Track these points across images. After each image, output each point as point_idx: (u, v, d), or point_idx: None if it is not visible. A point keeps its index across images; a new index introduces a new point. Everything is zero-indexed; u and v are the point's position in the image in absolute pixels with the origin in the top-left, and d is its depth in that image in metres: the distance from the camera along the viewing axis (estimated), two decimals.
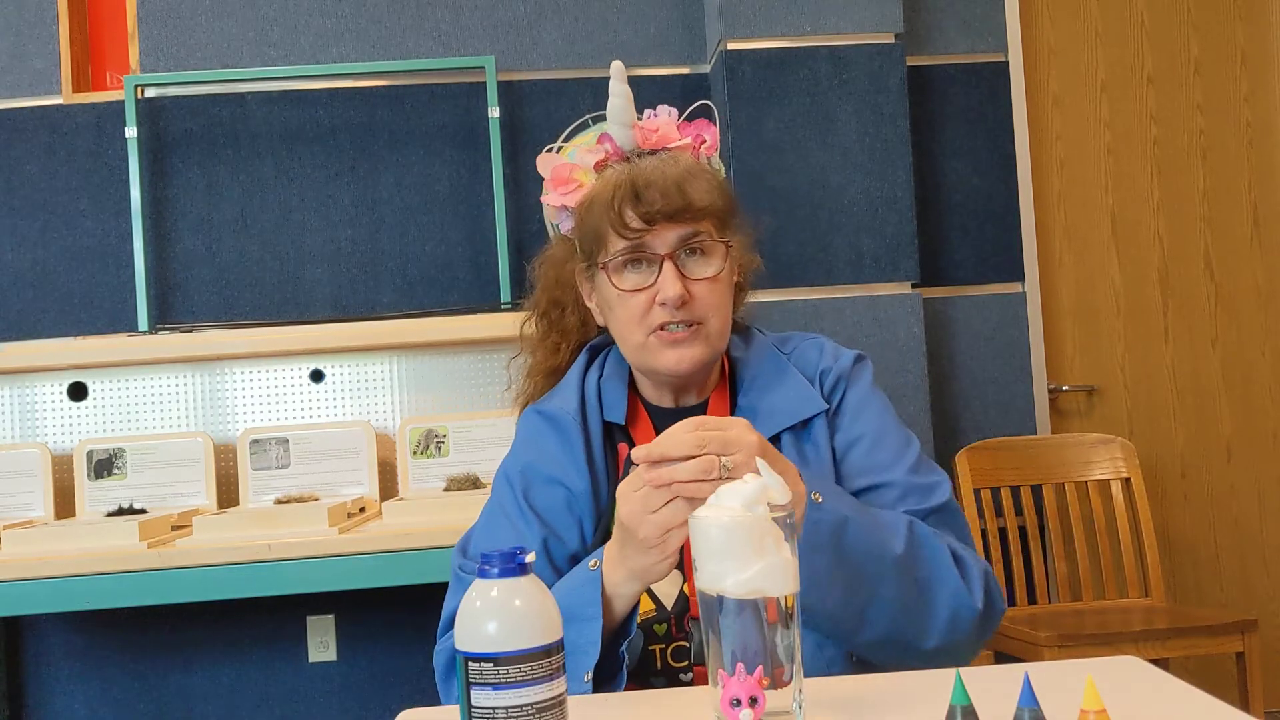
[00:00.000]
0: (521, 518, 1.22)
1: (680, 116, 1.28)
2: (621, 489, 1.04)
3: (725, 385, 1.29)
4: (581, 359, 1.33)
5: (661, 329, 1.18)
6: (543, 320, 1.38)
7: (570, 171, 1.27)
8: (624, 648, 1.09)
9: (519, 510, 1.23)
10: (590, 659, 1.04)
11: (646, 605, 1.16)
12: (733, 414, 1.26)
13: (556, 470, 1.23)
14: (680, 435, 1.00)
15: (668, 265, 1.17)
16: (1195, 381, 3.18)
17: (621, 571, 1.05)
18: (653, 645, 1.15)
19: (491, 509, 1.29)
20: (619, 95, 1.24)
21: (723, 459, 0.98)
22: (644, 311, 1.18)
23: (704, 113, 1.28)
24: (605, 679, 1.07)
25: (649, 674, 1.14)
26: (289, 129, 2.96)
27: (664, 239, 1.17)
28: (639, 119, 1.26)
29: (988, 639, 1.16)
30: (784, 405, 1.23)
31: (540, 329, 1.39)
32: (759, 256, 1.34)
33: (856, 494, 1.20)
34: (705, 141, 1.26)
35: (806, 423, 1.23)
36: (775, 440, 1.22)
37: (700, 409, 1.26)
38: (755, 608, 0.85)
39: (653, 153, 1.25)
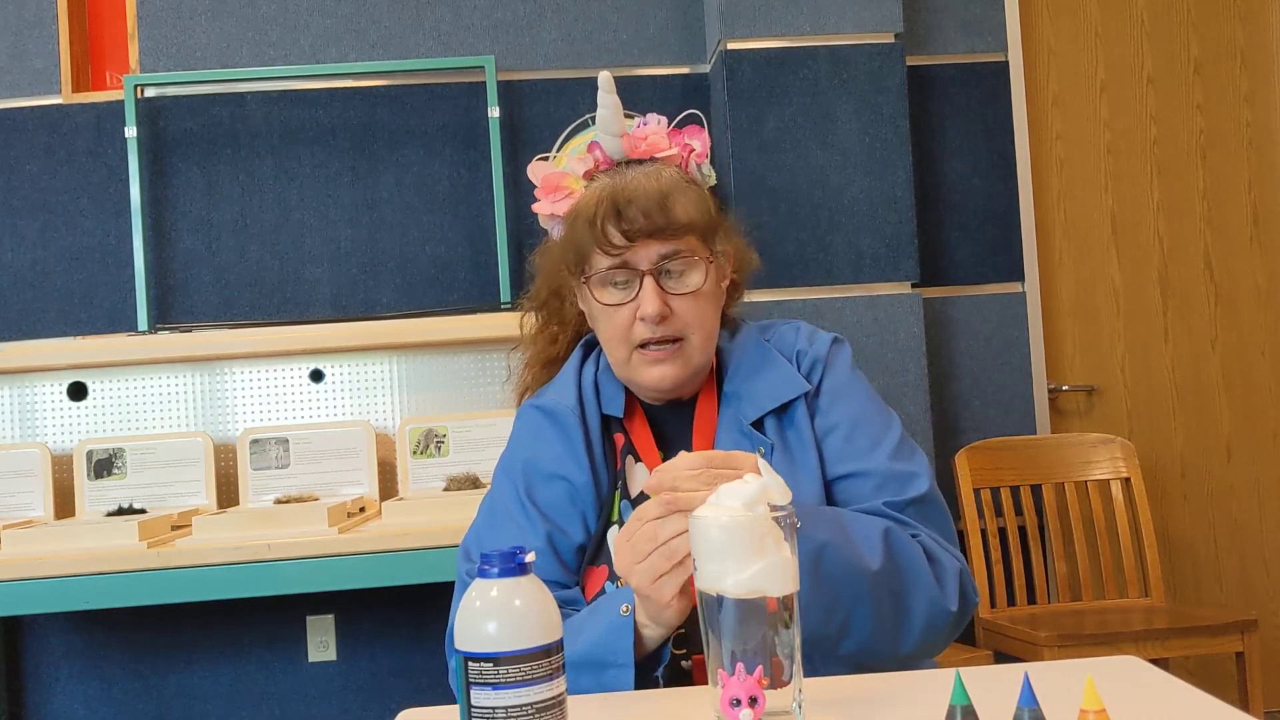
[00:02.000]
0: (525, 515, 1.24)
1: (670, 124, 1.29)
2: (617, 540, 1.05)
3: (713, 378, 1.30)
4: (578, 353, 1.34)
5: (643, 347, 1.21)
6: (541, 311, 1.39)
7: (560, 180, 1.29)
8: (659, 672, 1.10)
9: (522, 508, 1.24)
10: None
11: None
12: (719, 401, 1.27)
13: (557, 465, 1.24)
14: (691, 471, 1.00)
15: (648, 281, 1.19)
16: (1195, 381, 3.18)
17: (642, 614, 1.07)
18: None
19: (494, 507, 1.29)
20: (607, 106, 1.25)
21: None
22: (627, 327, 1.21)
23: (693, 120, 1.29)
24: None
25: (651, 669, 1.14)
26: (289, 129, 2.96)
27: (645, 255, 1.19)
28: (629, 127, 1.27)
29: (959, 633, 1.19)
30: (766, 389, 1.25)
31: (539, 320, 1.40)
32: (756, 254, 1.35)
33: (835, 481, 1.22)
34: (694, 150, 1.27)
35: (787, 406, 1.24)
36: (759, 424, 1.23)
37: (690, 405, 1.28)
38: (755, 607, 0.85)
39: (640, 162, 1.26)
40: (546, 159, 1.35)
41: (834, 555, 1.06)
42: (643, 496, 1.23)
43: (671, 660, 1.15)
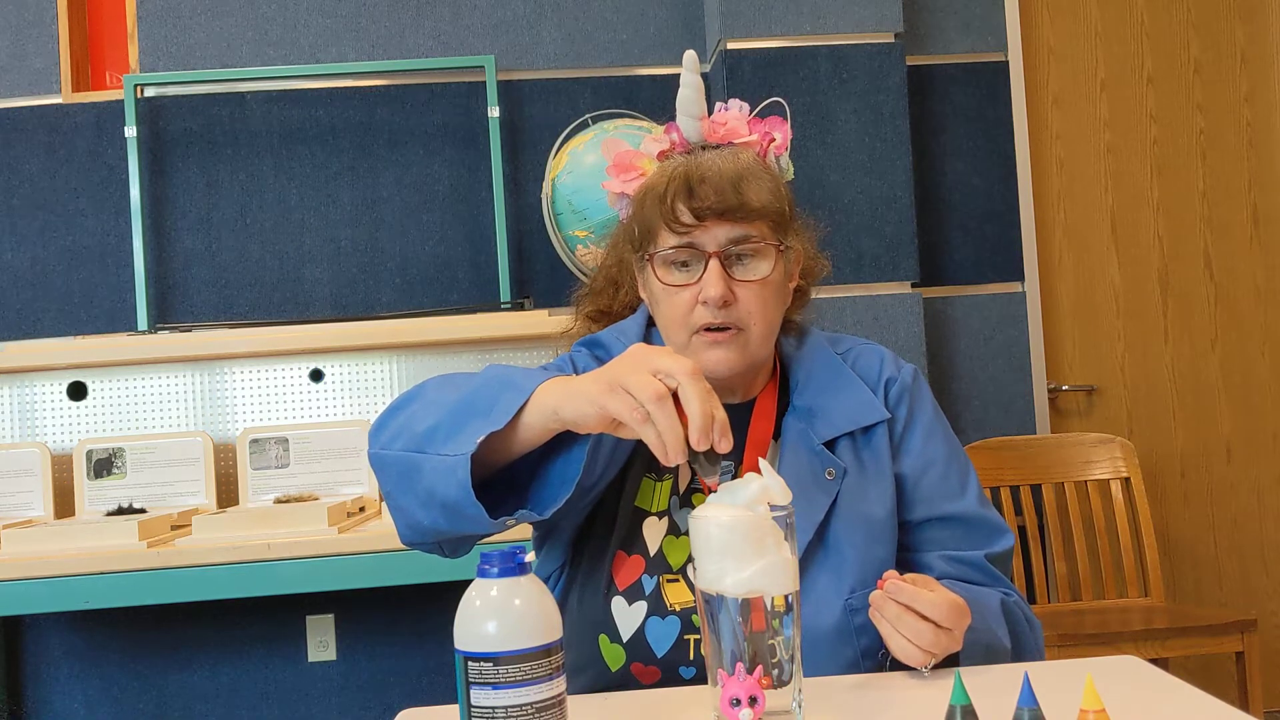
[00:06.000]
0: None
1: (752, 112, 1.25)
2: (661, 349, 0.95)
3: (775, 384, 1.25)
4: (644, 315, 1.27)
5: (704, 331, 1.16)
6: (596, 297, 1.35)
7: (633, 159, 1.25)
8: (516, 514, 1.00)
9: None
10: (494, 424, 0.96)
11: (686, 596, 1.15)
12: (784, 413, 1.23)
13: None
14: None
15: (713, 264, 1.14)
16: (1195, 381, 3.18)
17: (555, 393, 0.95)
18: (689, 635, 1.14)
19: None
20: (690, 86, 1.21)
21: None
22: (687, 310, 1.16)
23: (776, 110, 1.25)
24: (508, 499, 1.01)
25: (681, 663, 1.14)
26: (289, 129, 2.96)
27: (713, 236, 1.15)
28: (709, 112, 1.23)
29: None
30: (845, 409, 1.21)
31: (589, 310, 1.35)
32: (827, 260, 1.31)
33: (929, 521, 1.21)
34: (774, 140, 1.24)
35: (867, 429, 1.21)
36: (832, 445, 1.20)
37: (746, 409, 1.23)
38: (754, 607, 0.85)
39: (717, 147, 1.22)
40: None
41: (990, 640, 1.10)
42: (687, 497, 1.20)
43: (704, 662, 1.12)
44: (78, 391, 2.67)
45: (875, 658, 1.11)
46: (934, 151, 3.05)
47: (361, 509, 2.45)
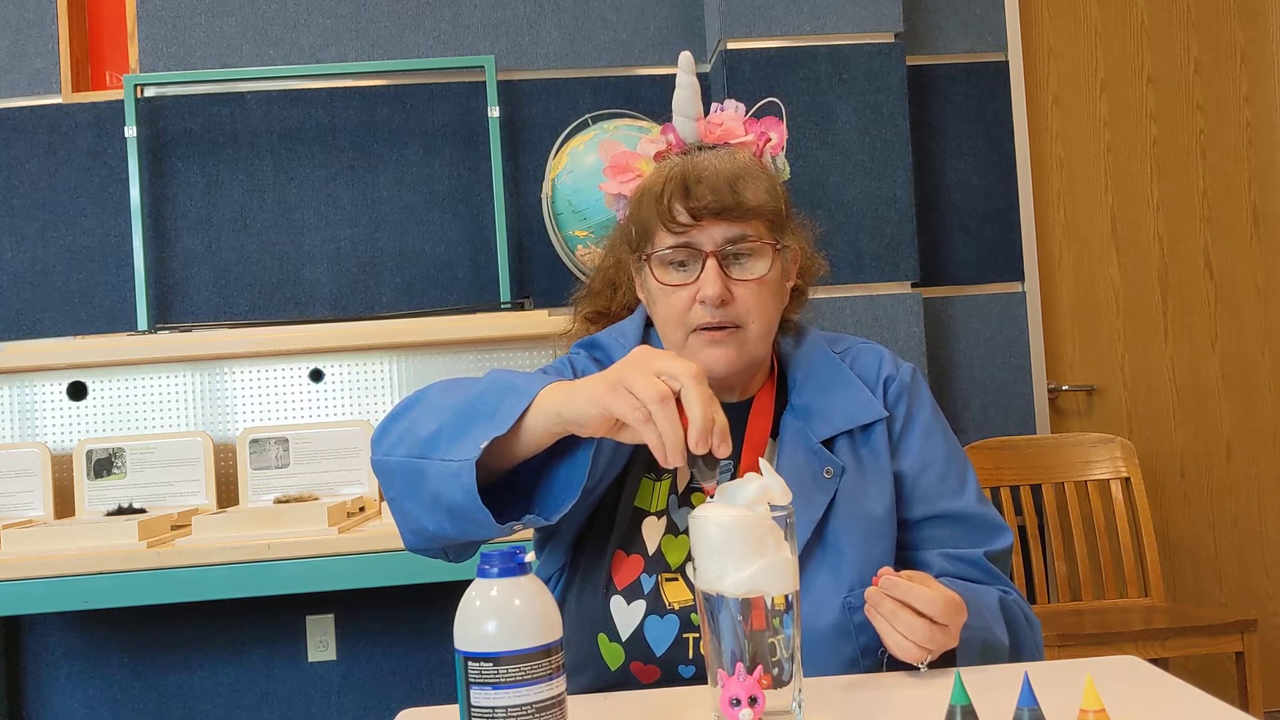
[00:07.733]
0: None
1: (748, 113, 1.26)
2: (665, 353, 0.95)
3: (772, 383, 1.26)
4: (641, 316, 1.28)
5: (701, 329, 1.16)
6: (594, 299, 1.35)
7: (629, 160, 1.26)
8: (522, 519, 1.01)
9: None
10: (497, 429, 0.96)
11: (685, 595, 1.15)
12: (783, 412, 1.24)
13: None
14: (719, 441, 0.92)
15: (710, 263, 1.15)
16: (1195, 381, 3.18)
17: (558, 396, 0.96)
18: (687, 634, 1.14)
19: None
20: (685, 86, 1.22)
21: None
22: (684, 309, 1.17)
23: (772, 110, 1.26)
24: (510, 505, 1.02)
25: (680, 661, 1.14)
26: (289, 129, 2.96)
27: (710, 236, 1.15)
28: (705, 113, 1.24)
29: None
30: (843, 408, 1.21)
31: (587, 311, 1.35)
32: (824, 260, 1.31)
33: (928, 520, 1.22)
34: (770, 140, 1.24)
35: (865, 428, 1.21)
36: (830, 443, 1.20)
37: (744, 407, 1.23)
38: (754, 607, 0.85)
39: (713, 147, 1.23)
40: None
41: (988, 637, 1.10)
42: (686, 496, 1.21)
43: (702, 661, 1.12)
44: (78, 391, 2.67)
45: (875, 655, 1.11)
46: (934, 151, 3.05)
47: (361, 509, 2.45)
